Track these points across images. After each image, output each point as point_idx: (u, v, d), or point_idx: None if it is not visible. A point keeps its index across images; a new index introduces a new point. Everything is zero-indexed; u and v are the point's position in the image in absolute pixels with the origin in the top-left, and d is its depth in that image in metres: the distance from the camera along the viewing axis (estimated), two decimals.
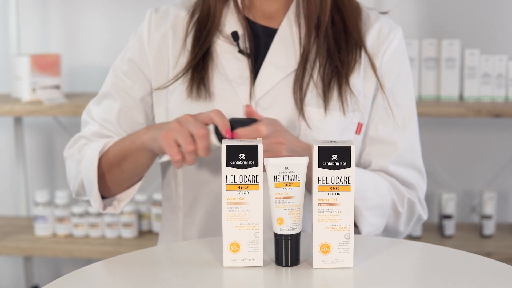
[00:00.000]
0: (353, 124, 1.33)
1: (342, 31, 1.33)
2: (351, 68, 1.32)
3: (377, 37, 1.36)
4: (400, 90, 1.37)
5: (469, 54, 2.29)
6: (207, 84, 1.33)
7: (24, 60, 2.36)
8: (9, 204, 2.74)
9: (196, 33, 1.37)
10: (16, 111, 2.32)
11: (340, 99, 1.31)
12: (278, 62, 1.33)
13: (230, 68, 1.33)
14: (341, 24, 1.34)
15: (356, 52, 1.33)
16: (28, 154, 2.68)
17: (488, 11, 2.45)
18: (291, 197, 1.04)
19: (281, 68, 1.32)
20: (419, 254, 1.14)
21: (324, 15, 1.31)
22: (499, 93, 2.30)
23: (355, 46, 1.33)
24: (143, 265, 1.08)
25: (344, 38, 1.33)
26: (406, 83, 1.38)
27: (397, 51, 1.37)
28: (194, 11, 1.39)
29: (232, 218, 1.04)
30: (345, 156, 1.02)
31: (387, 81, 1.35)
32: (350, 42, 1.33)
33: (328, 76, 1.31)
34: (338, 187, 1.03)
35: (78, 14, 2.60)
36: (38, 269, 2.75)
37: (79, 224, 2.43)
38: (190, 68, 1.34)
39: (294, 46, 1.33)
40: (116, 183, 1.38)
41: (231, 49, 1.34)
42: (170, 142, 1.18)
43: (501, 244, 2.31)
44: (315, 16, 1.31)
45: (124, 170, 1.35)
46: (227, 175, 1.03)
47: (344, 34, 1.33)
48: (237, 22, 1.35)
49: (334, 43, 1.32)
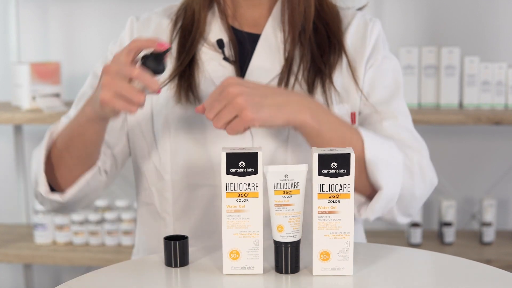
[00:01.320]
0: (346, 115, 1.33)
1: (325, 36, 1.34)
2: (333, 67, 1.33)
3: (355, 35, 1.36)
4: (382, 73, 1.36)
5: (469, 62, 2.29)
6: (195, 90, 1.33)
7: (24, 68, 2.36)
8: (9, 212, 2.74)
9: (181, 40, 1.36)
10: (16, 119, 2.32)
11: (324, 96, 1.31)
12: (263, 65, 1.33)
13: (217, 75, 1.33)
14: (324, 30, 1.34)
15: (339, 54, 1.34)
16: (28, 162, 2.67)
17: (488, 19, 2.46)
18: (290, 204, 1.04)
19: (266, 72, 1.33)
20: (419, 261, 1.14)
21: (309, 23, 1.32)
22: (498, 100, 2.30)
23: (338, 49, 1.34)
24: (143, 272, 1.09)
25: (327, 43, 1.34)
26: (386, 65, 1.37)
27: (377, 42, 1.37)
28: (177, 18, 1.39)
29: (232, 226, 1.04)
30: (344, 164, 1.02)
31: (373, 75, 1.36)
32: (332, 46, 1.34)
33: (312, 77, 1.32)
34: (337, 195, 1.03)
35: (78, 22, 2.61)
36: (38, 277, 2.74)
37: (79, 232, 2.43)
38: (177, 75, 1.34)
39: (279, 50, 1.34)
40: (67, 172, 1.32)
41: (216, 57, 1.34)
42: (114, 100, 1.12)
43: (501, 251, 2.31)
44: (299, 24, 1.32)
45: (73, 153, 1.29)
46: (227, 183, 1.03)
47: (328, 39, 1.34)
48: (222, 30, 1.36)
49: (317, 48, 1.33)
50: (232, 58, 1.34)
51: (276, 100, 1.16)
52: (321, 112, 1.20)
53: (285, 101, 1.17)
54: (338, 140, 1.19)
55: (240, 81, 1.16)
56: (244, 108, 1.12)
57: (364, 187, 1.25)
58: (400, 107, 1.35)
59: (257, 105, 1.13)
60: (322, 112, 1.20)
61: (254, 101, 1.13)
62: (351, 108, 1.34)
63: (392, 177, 1.23)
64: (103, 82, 1.12)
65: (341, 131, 1.21)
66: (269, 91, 1.18)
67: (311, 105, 1.19)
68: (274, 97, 1.17)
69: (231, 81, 1.15)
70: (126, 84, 1.11)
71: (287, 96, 1.18)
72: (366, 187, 1.25)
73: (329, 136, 1.19)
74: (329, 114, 1.21)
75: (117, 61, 1.14)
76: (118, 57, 1.14)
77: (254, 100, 1.14)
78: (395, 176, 1.24)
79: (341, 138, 1.20)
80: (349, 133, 1.22)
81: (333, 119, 1.21)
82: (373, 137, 1.24)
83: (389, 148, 1.25)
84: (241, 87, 1.14)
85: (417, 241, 2.40)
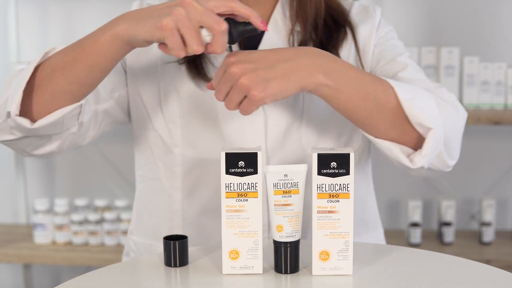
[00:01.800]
0: None
1: (332, 25, 1.33)
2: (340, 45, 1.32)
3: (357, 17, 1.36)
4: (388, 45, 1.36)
5: (468, 62, 2.29)
6: (207, 71, 1.29)
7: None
8: (8, 212, 2.74)
9: None
10: None
11: None
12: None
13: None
14: (330, 20, 1.33)
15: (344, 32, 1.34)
16: (27, 162, 2.68)
17: (487, 19, 2.46)
18: (290, 204, 1.04)
19: None
20: (419, 261, 1.14)
21: (320, 19, 1.31)
22: (498, 100, 2.30)
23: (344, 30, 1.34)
24: (143, 272, 1.09)
25: (335, 29, 1.33)
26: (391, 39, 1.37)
27: (380, 20, 1.37)
28: None
29: (232, 226, 1.04)
30: (344, 164, 1.02)
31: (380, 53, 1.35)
32: (340, 32, 1.34)
33: None
34: (337, 195, 1.03)
35: (77, 22, 2.61)
36: (38, 277, 2.75)
37: (79, 232, 2.43)
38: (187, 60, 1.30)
39: (287, 39, 1.32)
40: (48, 98, 1.16)
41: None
42: (174, 32, 1.03)
43: (500, 251, 2.32)
44: (311, 19, 1.30)
45: (69, 76, 1.14)
46: (226, 183, 1.03)
47: (334, 26, 1.33)
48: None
49: (326, 39, 1.32)
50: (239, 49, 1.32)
51: (283, 68, 1.08)
52: (336, 68, 1.12)
53: (294, 66, 1.09)
54: (360, 95, 1.13)
55: (240, 57, 1.08)
56: (250, 88, 1.05)
57: (408, 136, 1.17)
58: (408, 60, 1.32)
59: (263, 81, 1.06)
60: (337, 68, 1.12)
61: (259, 78, 1.06)
62: None
63: (434, 116, 1.16)
64: (176, 11, 1.03)
65: (363, 85, 1.13)
66: (273, 59, 1.09)
67: (324, 62, 1.11)
68: (280, 65, 1.08)
69: (232, 60, 1.08)
70: (196, 28, 1.03)
71: (295, 60, 1.09)
72: (410, 136, 1.17)
73: (348, 93, 1.12)
74: (346, 69, 1.13)
75: (203, 1, 1.05)
76: (205, 1, 1.05)
77: (259, 76, 1.06)
78: (436, 115, 1.16)
79: (365, 93, 1.13)
80: (372, 85, 1.14)
81: (351, 73, 1.13)
82: (400, 83, 1.17)
83: (419, 89, 1.19)
84: (243, 64, 1.07)
85: (417, 241, 2.40)
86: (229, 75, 1.07)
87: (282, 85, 1.07)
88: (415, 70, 1.29)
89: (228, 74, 1.07)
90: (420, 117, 1.14)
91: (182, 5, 1.04)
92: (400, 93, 1.14)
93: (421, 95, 1.17)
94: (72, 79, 1.14)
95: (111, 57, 1.12)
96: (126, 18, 1.10)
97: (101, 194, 2.63)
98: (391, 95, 1.15)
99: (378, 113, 1.14)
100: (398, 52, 1.34)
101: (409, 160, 1.17)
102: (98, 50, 1.11)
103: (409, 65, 1.29)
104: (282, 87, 1.07)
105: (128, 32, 1.08)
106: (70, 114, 1.18)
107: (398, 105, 1.15)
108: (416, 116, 1.14)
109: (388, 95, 1.15)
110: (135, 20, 1.08)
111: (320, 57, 1.12)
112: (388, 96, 1.15)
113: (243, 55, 1.09)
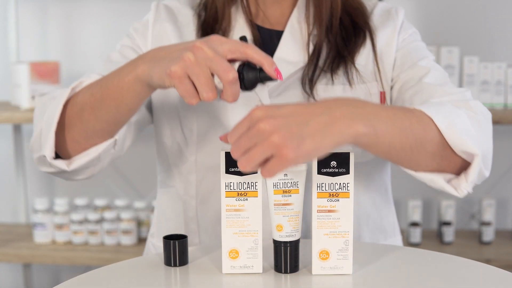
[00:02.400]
0: (375, 94, 1.31)
1: (350, 26, 1.32)
2: (357, 50, 1.32)
3: (380, 18, 1.36)
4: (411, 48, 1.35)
5: (468, 62, 2.29)
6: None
7: (23, 68, 2.36)
8: (8, 211, 2.74)
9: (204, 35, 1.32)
10: (15, 118, 2.32)
11: (346, 76, 1.29)
12: (288, 58, 1.30)
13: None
14: (348, 20, 1.33)
15: (363, 36, 1.33)
16: (27, 161, 2.68)
17: (487, 18, 2.46)
18: (290, 204, 1.04)
19: (291, 64, 1.29)
20: (418, 261, 1.14)
21: (336, 19, 1.30)
22: (498, 100, 2.30)
23: (363, 34, 1.33)
24: (142, 271, 1.08)
25: (353, 32, 1.32)
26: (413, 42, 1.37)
27: (403, 22, 1.37)
28: (199, 12, 1.36)
29: (231, 225, 1.04)
30: (344, 163, 1.02)
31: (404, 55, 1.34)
32: (357, 32, 1.33)
33: (336, 67, 1.30)
34: (337, 194, 1.03)
35: (77, 22, 2.61)
36: (38, 276, 2.74)
37: (79, 231, 2.43)
38: None
39: (303, 43, 1.31)
40: (81, 136, 1.18)
41: None
42: (183, 80, 1.01)
43: (500, 251, 2.31)
44: (326, 20, 1.30)
45: (99, 115, 1.15)
46: (226, 182, 1.03)
47: (353, 28, 1.33)
48: (245, 27, 1.33)
49: (343, 40, 1.32)
50: None
51: (318, 123, 0.94)
52: (369, 112, 0.99)
53: (328, 121, 0.94)
54: (399, 134, 1.01)
55: (270, 112, 0.94)
56: (282, 146, 0.91)
57: (451, 163, 1.10)
58: (431, 63, 1.30)
59: (297, 139, 0.92)
60: (370, 112, 0.99)
61: (293, 136, 0.92)
62: (379, 86, 1.32)
63: (474, 137, 1.08)
64: (186, 56, 1.00)
65: (398, 122, 1.02)
66: (306, 113, 0.95)
67: (356, 110, 0.98)
68: (314, 119, 0.94)
69: (260, 114, 0.93)
70: (207, 75, 1.00)
71: (327, 113, 0.95)
72: (453, 163, 1.10)
73: (388, 136, 1.00)
74: (378, 111, 1.00)
75: (216, 45, 1.02)
76: (220, 43, 1.02)
77: (293, 133, 0.92)
78: (474, 135, 1.09)
79: (402, 131, 1.02)
80: (407, 119, 1.03)
81: (384, 114, 1.01)
82: (430, 106, 1.08)
83: (450, 108, 1.10)
84: (274, 120, 0.92)
85: (417, 240, 2.40)
86: (257, 131, 0.92)
87: (317, 142, 0.93)
88: (438, 74, 1.27)
89: (256, 130, 0.92)
90: (464, 145, 1.07)
91: (193, 50, 1.01)
92: (438, 121, 1.05)
93: (456, 117, 1.08)
94: (102, 119, 1.15)
95: (137, 97, 1.12)
96: (145, 60, 1.09)
97: (101, 193, 2.63)
98: (427, 124, 1.05)
99: (418, 147, 1.05)
100: (421, 56, 1.32)
101: (454, 187, 1.10)
102: (123, 91, 1.11)
103: (432, 69, 1.27)
104: (317, 145, 0.93)
105: (146, 74, 1.07)
106: (106, 147, 1.20)
107: (437, 134, 1.06)
108: (459, 144, 1.07)
109: (424, 125, 1.05)
110: (152, 62, 1.06)
111: (350, 105, 0.98)
112: (424, 126, 1.05)
113: (272, 110, 0.94)
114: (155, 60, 1.06)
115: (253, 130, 0.93)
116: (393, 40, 1.34)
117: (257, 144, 0.92)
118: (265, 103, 1.27)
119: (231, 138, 0.96)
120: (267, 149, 0.92)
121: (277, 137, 0.91)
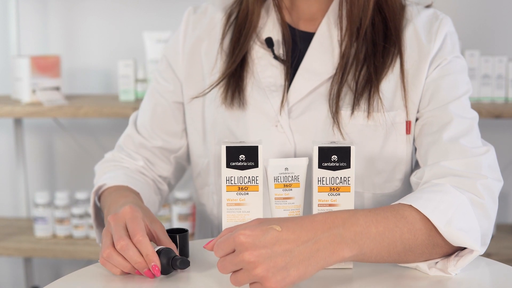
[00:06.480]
0: (400, 123, 1.24)
1: (382, 33, 1.26)
2: (384, 73, 1.24)
3: (418, 32, 1.26)
4: (446, 76, 1.24)
5: (469, 55, 2.29)
6: (242, 93, 1.27)
7: (24, 62, 2.36)
8: (9, 205, 2.74)
9: (236, 35, 1.31)
10: (16, 112, 2.32)
11: (367, 103, 1.22)
12: (315, 67, 1.26)
13: (265, 75, 1.27)
14: (382, 25, 1.26)
15: (392, 57, 1.25)
16: (28, 155, 2.68)
17: (488, 12, 2.46)
18: (291, 198, 1.04)
19: (318, 75, 1.25)
20: None
21: (366, 17, 1.24)
22: (499, 94, 2.30)
23: (393, 50, 1.24)
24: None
25: (383, 40, 1.25)
26: (453, 67, 1.25)
27: (445, 42, 1.26)
28: (231, 11, 1.34)
29: (232, 219, 1.04)
30: (345, 157, 1.02)
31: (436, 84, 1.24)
32: (388, 45, 1.25)
33: (362, 83, 1.23)
34: (338, 188, 1.03)
35: (78, 15, 2.60)
36: (38, 270, 2.75)
37: (79, 225, 2.43)
38: (227, 75, 1.28)
39: (332, 50, 1.26)
40: None
41: (267, 55, 1.29)
42: (107, 264, 1.06)
43: (501, 245, 2.31)
44: (357, 20, 1.24)
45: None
46: (227, 176, 1.03)
47: (384, 36, 1.26)
48: (276, 26, 1.30)
49: (372, 47, 1.25)
50: (283, 57, 1.28)
51: (302, 252, 0.93)
52: (358, 232, 0.97)
53: (313, 248, 0.94)
54: (387, 248, 1.00)
55: (255, 239, 0.93)
56: (266, 279, 0.92)
57: (442, 252, 1.06)
58: (458, 110, 1.21)
59: (282, 272, 0.92)
60: (359, 231, 0.98)
61: (277, 268, 0.92)
62: (405, 116, 1.24)
63: (474, 231, 1.05)
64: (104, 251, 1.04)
65: (387, 236, 1.00)
66: (292, 241, 0.94)
67: (344, 232, 0.96)
68: (299, 248, 0.93)
69: (243, 242, 0.93)
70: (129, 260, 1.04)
71: (313, 240, 0.95)
72: (443, 252, 1.06)
73: (374, 252, 0.99)
74: (369, 227, 0.99)
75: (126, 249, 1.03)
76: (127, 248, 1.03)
77: (277, 265, 0.92)
78: (476, 228, 1.05)
79: (391, 244, 1.00)
80: (397, 229, 1.01)
81: (374, 230, 0.99)
82: (433, 200, 1.04)
83: (451, 198, 1.06)
84: (258, 251, 0.92)
85: None
86: (241, 261, 0.93)
87: (301, 271, 0.93)
88: (462, 123, 1.19)
89: (240, 260, 0.93)
90: (462, 242, 1.03)
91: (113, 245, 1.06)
92: (436, 219, 1.02)
93: (456, 210, 1.04)
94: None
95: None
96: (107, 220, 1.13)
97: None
98: (418, 230, 1.02)
99: (407, 253, 1.02)
100: (452, 96, 1.22)
101: (440, 270, 1.05)
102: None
103: (456, 118, 1.19)
104: (301, 274, 0.93)
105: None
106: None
107: (428, 232, 1.03)
108: (458, 242, 1.03)
109: (415, 232, 1.02)
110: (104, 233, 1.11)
111: (338, 227, 0.96)
112: (415, 233, 1.02)
113: (256, 237, 0.93)
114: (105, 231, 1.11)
115: (237, 258, 0.93)
116: (425, 63, 1.24)
117: (243, 271, 0.94)
118: (284, 126, 1.25)
119: (217, 253, 0.96)
120: (252, 278, 0.93)
121: (261, 270, 0.92)
